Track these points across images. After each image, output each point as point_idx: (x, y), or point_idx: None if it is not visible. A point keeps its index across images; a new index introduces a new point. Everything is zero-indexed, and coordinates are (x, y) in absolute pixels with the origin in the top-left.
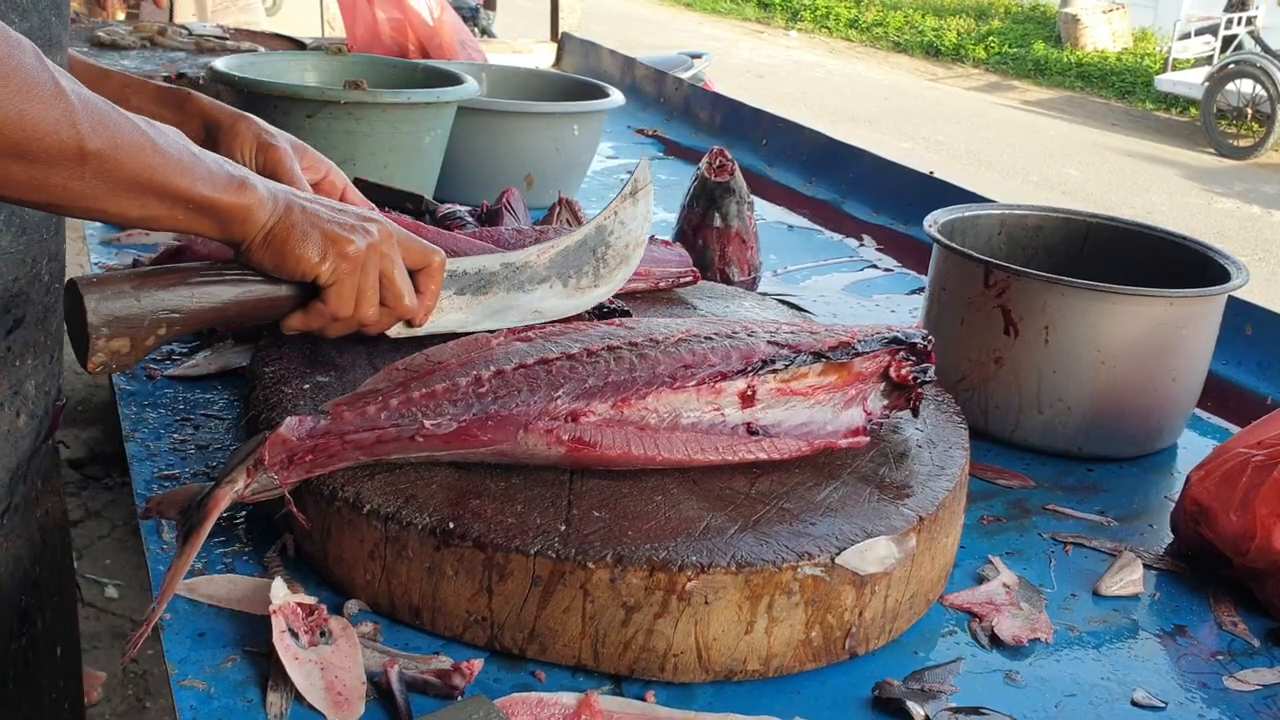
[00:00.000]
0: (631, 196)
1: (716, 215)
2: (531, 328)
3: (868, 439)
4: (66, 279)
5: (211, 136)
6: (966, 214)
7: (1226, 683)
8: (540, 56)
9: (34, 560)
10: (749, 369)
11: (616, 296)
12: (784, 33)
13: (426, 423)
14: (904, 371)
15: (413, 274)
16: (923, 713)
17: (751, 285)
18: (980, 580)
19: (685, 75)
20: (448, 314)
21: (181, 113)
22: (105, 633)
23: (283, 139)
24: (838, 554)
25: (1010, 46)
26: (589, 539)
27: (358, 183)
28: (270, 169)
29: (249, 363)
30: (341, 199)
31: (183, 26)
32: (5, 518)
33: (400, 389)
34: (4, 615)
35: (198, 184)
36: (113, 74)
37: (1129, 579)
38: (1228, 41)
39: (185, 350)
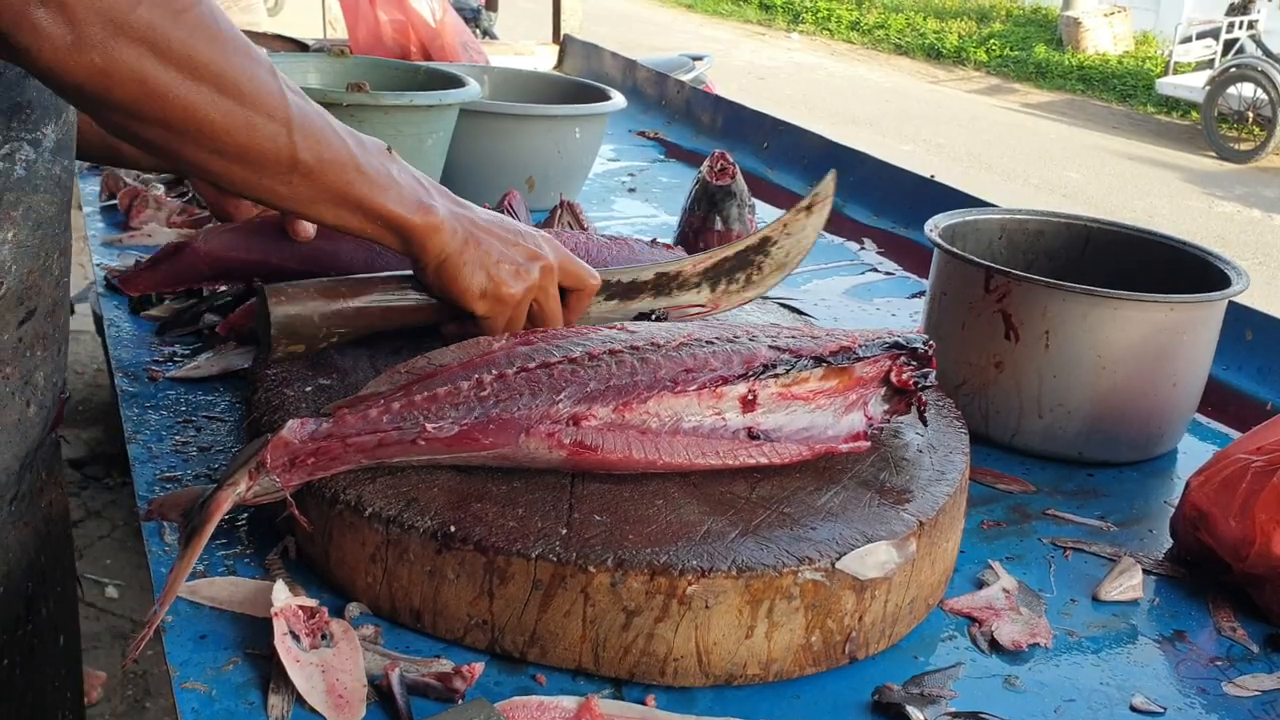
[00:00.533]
0: (806, 210)
1: (718, 218)
2: (532, 332)
3: (869, 444)
4: (258, 286)
5: None
6: (967, 218)
7: (1226, 688)
8: (542, 58)
9: (39, 549)
10: (750, 373)
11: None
12: (785, 35)
13: (428, 426)
14: (905, 376)
15: (567, 291)
16: (922, 717)
17: None
18: (980, 585)
19: (686, 77)
20: (592, 316)
21: None
22: (105, 633)
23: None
24: (838, 559)
25: (1011, 49)
26: (590, 543)
27: None
28: None
29: (251, 365)
30: None
31: None
32: (13, 505)
33: (402, 392)
34: (10, 602)
35: (390, 203)
36: None
37: (1128, 584)
38: (1229, 45)
39: (187, 352)
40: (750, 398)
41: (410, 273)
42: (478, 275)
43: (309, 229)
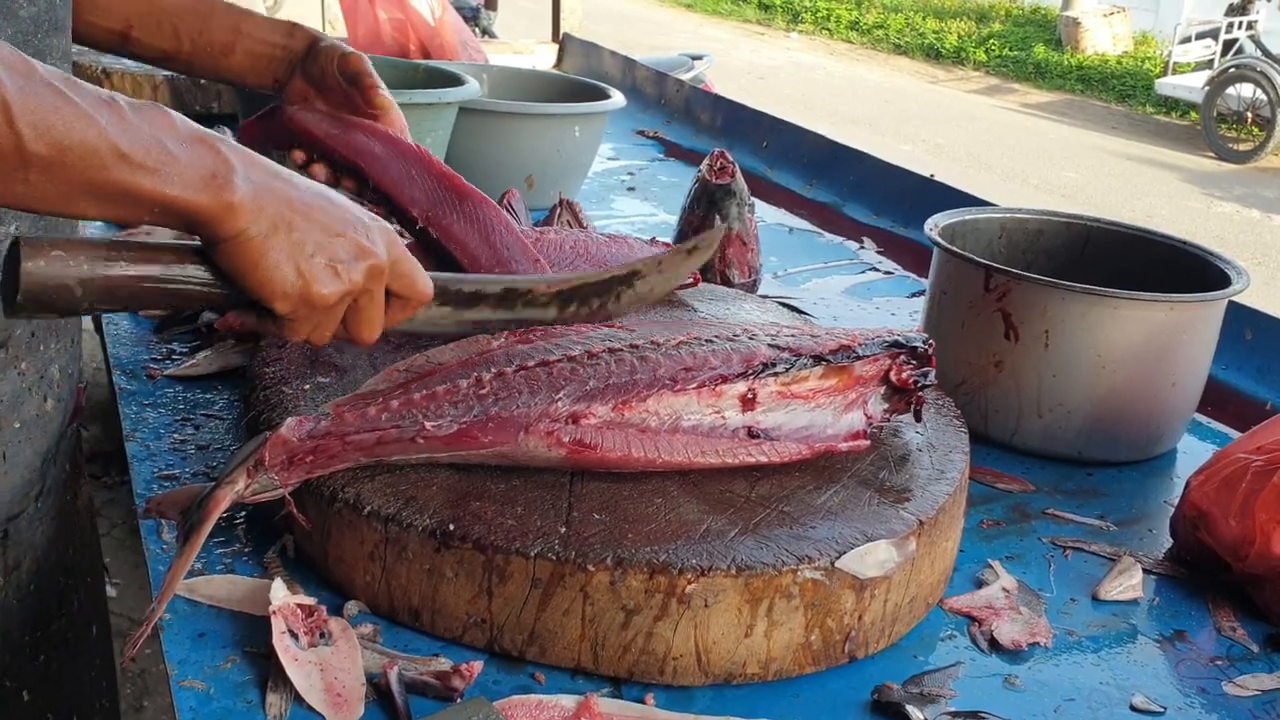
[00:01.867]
0: (688, 252)
1: (717, 217)
2: (532, 330)
3: (868, 442)
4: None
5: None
6: (967, 217)
7: (1225, 688)
8: (541, 57)
9: (67, 542)
10: (749, 372)
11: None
12: (785, 34)
13: (427, 424)
14: (904, 375)
15: (393, 295)
16: (922, 716)
17: (752, 287)
18: (980, 584)
19: (686, 77)
20: (417, 321)
21: (290, 38)
22: None
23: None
24: (838, 557)
25: (1011, 49)
26: (589, 541)
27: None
28: (351, 72)
29: (249, 363)
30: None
31: None
32: (39, 500)
33: (401, 390)
34: (44, 598)
35: (164, 186)
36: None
37: (1128, 584)
38: (1228, 45)
39: (185, 350)
40: (750, 396)
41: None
42: (284, 268)
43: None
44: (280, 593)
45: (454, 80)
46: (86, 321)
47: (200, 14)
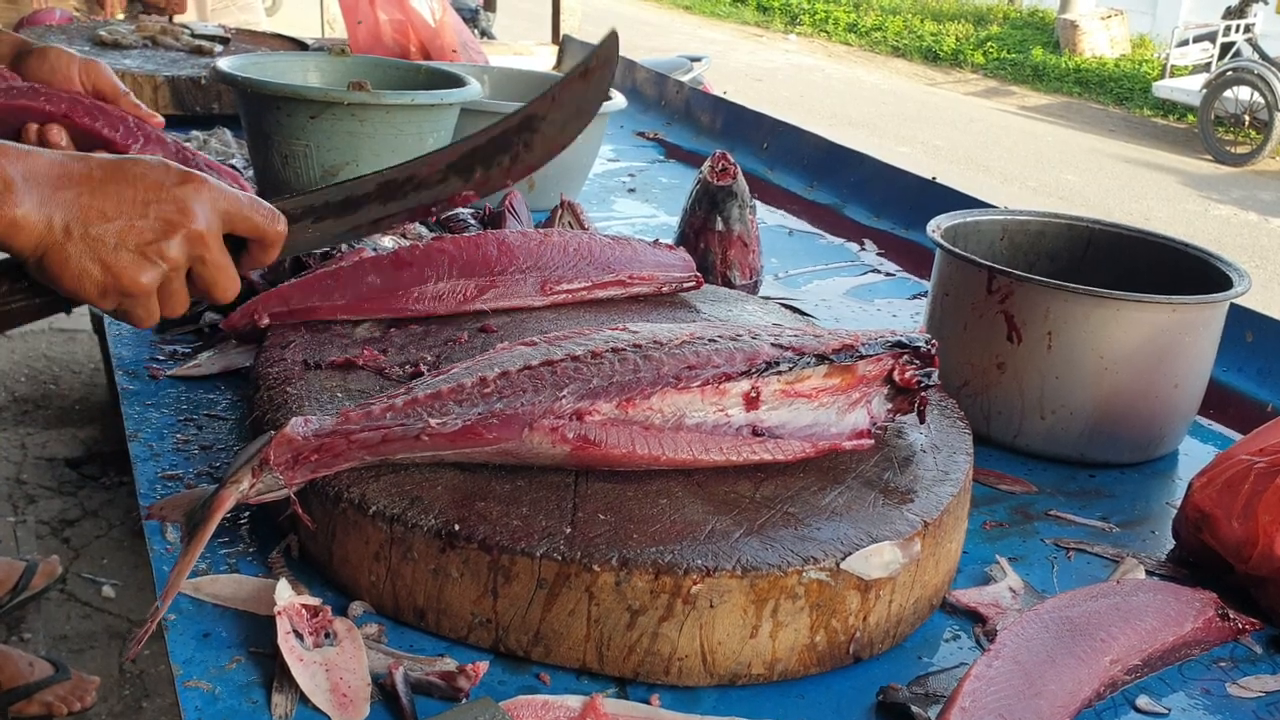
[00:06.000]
0: (582, 75)
1: (718, 219)
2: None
3: (872, 441)
4: None
5: (22, 60)
6: (969, 219)
7: (1229, 689)
8: (541, 59)
9: None
10: (753, 370)
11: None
12: (783, 37)
13: (432, 422)
14: (907, 375)
15: (247, 240)
16: (927, 717)
17: (753, 289)
18: (987, 580)
19: (684, 78)
20: (301, 244)
21: None
22: (101, 632)
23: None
24: (843, 558)
25: (1009, 52)
26: (594, 542)
27: None
28: (92, 81)
29: (252, 363)
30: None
31: (184, 26)
32: None
33: (405, 389)
34: None
35: None
36: None
37: None
38: (1225, 49)
39: (188, 350)
40: (753, 395)
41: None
42: (90, 269)
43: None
44: (285, 593)
45: (455, 81)
46: (86, 321)
47: None
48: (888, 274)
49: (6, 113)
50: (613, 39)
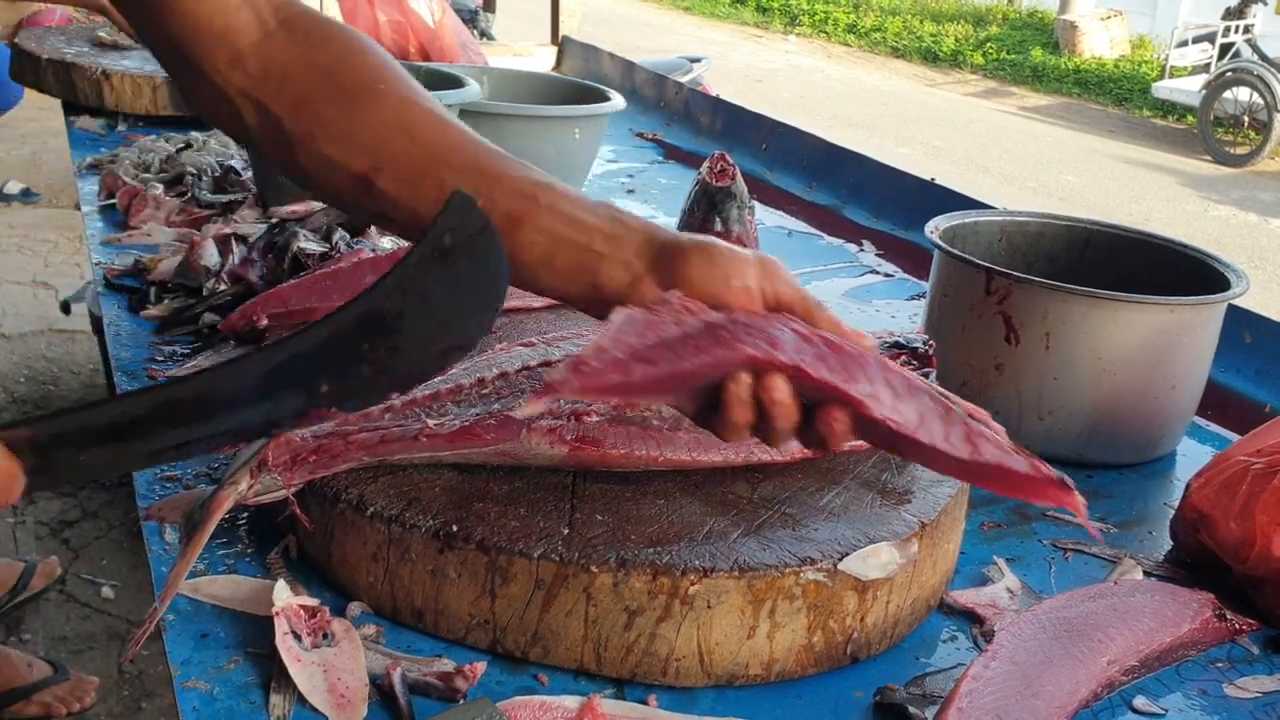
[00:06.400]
0: (440, 259)
1: (717, 220)
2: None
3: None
4: None
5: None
6: (967, 220)
7: (1226, 690)
8: (540, 60)
9: None
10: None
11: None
12: (782, 37)
13: (430, 422)
14: None
15: None
16: (924, 718)
17: None
18: (985, 581)
19: (684, 79)
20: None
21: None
22: (101, 633)
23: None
24: (840, 559)
25: (1008, 53)
26: (592, 543)
27: None
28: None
29: None
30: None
31: None
32: None
33: None
34: None
35: None
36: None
37: None
38: (1225, 49)
39: (187, 351)
40: None
41: None
42: None
43: None
44: (283, 593)
45: (455, 82)
46: (85, 323)
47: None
48: (886, 275)
49: None
50: (463, 202)
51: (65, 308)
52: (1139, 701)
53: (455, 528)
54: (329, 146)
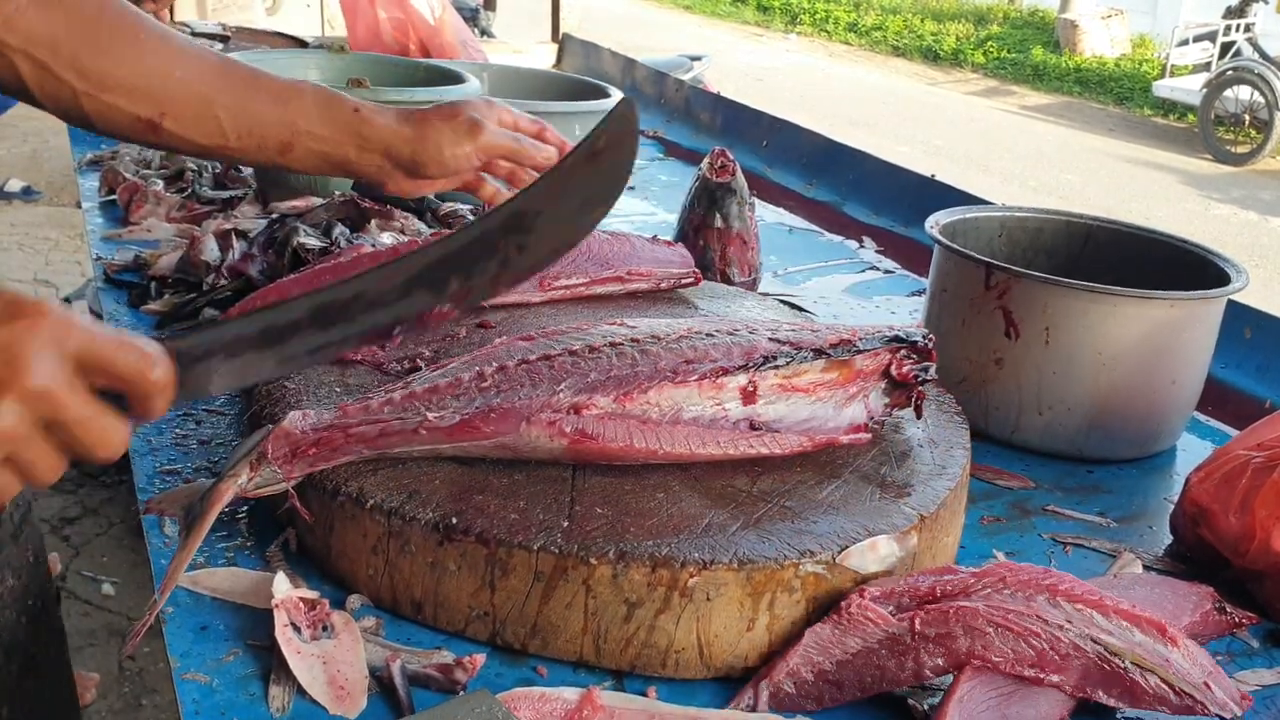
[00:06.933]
0: (589, 155)
1: (718, 216)
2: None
3: (869, 436)
4: None
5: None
6: (967, 216)
7: None
8: (541, 57)
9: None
10: (750, 364)
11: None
12: (783, 36)
13: (430, 415)
14: (905, 370)
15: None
16: (922, 709)
17: (752, 286)
18: None
19: (685, 77)
20: (218, 384)
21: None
22: (101, 629)
23: (472, 111)
24: (839, 552)
25: (1009, 52)
26: (591, 535)
27: (355, 188)
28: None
29: None
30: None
31: (184, 24)
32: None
33: (403, 383)
34: None
35: None
36: (281, 85)
37: None
38: (1226, 48)
39: None
40: (751, 389)
41: None
42: None
43: None
44: (283, 586)
45: (454, 79)
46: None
47: (244, 105)
48: (886, 271)
49: None
50: (628, 107)
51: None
52: None
53: (455, 520)
54: (110, 95)
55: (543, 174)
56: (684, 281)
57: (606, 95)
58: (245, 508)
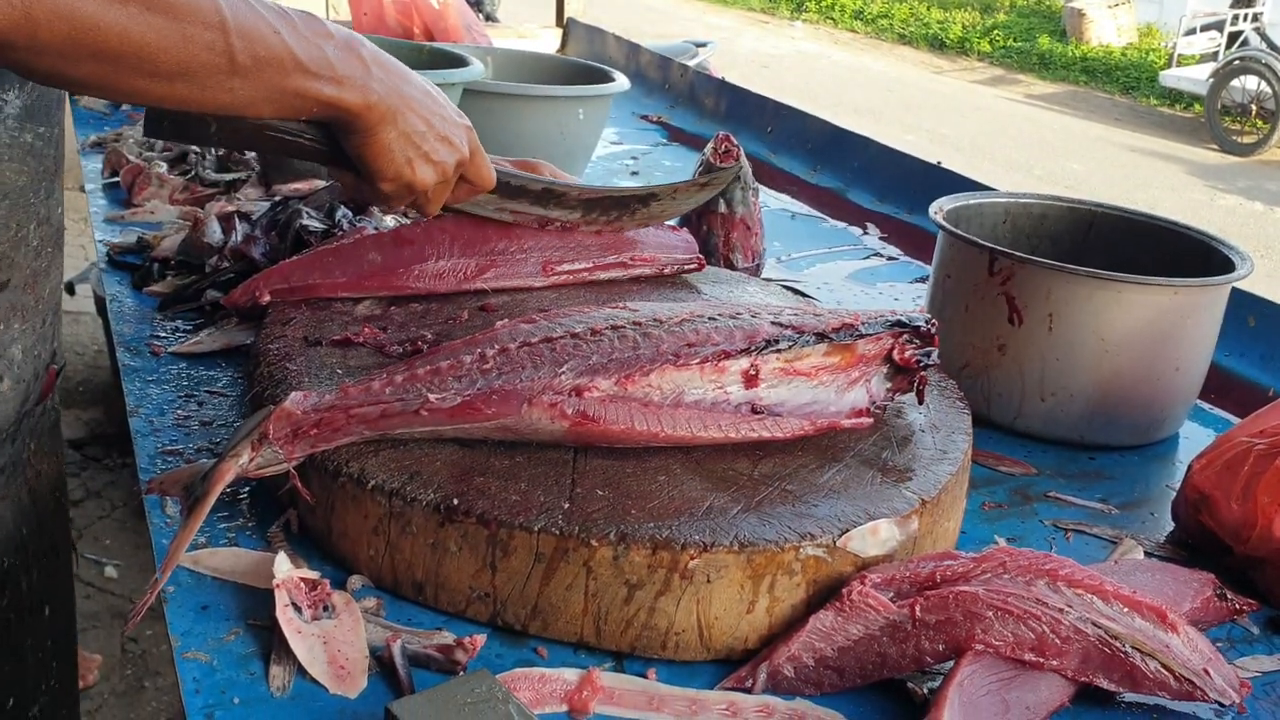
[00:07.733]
0: (700, 186)
1: (721, 201)
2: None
3: (871, 420)
4: None
5: None
6: (971, 202)
7: None
8: (545, 41)
9: (20, 521)
10: (752, 348)
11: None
12: (789, 23)
13: (431, 396)
14: (907, 354)
15: (463, 180)
16: (922, 692)
17: (755, 271)
18: None
19: (690, 63)
20: (465, 203)
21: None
22: (104, 612)
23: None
24: (840, 535)
25: (1015, 40)
26: (592, 517)
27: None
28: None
29: (253, 339)
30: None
31: None
32: None
33: (405, 365)
34: None
35: (329, 92)
36: None
37: None
38: (1233, 38)
39: (189, 327)
40: (753, 372)
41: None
42: (396, 158)
43: None
44: (284, 566)
45: (458, 62)
46: (87, 304)
47: None
48: (890, 258)
49: None
50: (731, 170)
51: (69, 289)
52: None
53: (456, 501)
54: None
55: (674, 183)
56: (687, 267)
57: (610, 79)
58: (247, 488)
